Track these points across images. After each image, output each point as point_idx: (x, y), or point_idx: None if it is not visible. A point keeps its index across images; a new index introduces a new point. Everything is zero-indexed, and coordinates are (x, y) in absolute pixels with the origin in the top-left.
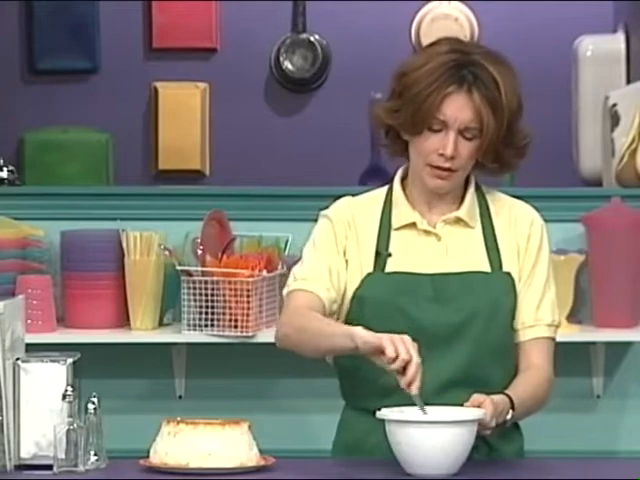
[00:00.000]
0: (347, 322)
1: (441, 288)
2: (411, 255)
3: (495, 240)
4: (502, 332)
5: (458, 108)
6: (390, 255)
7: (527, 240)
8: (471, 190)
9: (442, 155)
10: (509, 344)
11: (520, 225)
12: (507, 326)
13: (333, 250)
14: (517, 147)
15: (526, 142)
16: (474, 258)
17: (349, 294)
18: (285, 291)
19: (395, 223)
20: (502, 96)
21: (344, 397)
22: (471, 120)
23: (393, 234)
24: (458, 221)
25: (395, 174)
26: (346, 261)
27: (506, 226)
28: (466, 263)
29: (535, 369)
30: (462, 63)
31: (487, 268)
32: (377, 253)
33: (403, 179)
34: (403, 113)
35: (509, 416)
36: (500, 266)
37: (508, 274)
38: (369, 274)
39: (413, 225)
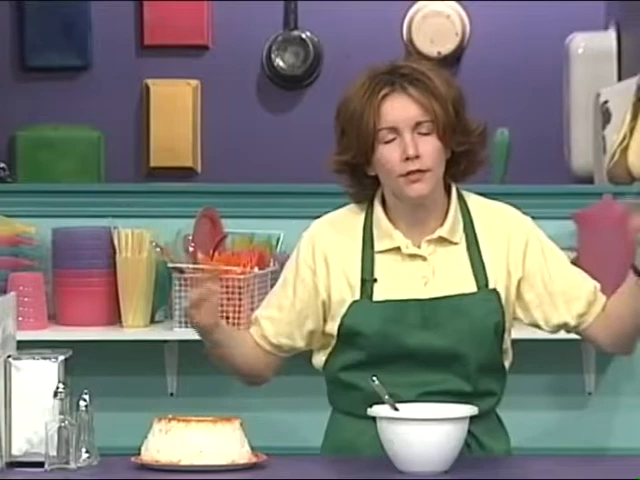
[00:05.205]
0: (335, 349)
1: (429, 314)
2: (398, 280)
3: (480, 254)
4: (491, 351)
5: (400, 107)
6: (376, 280)
7: (524, 256)
8: (454, 201)
9: (407, 159)
10: (500, 361)
11: (513, 242)
12: (497, 344)
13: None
14: (477, 134)
15: (482, 128)
16: (460, 277)
17: (337, 320)
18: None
19: (378, 246)
20: (437, 86)
21: (331, 403)
22: (418, 113)
23: (377, 257)
24: (441, 240)
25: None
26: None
27: (493, 240)
28: (453, 284)
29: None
30: (388, 71)
31: (473, 287)
32: (362, 280)
33: (383, 198)
34: (351, 141)
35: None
36: (486, 283)
37: (494, 291)
38: (355, 301)
39: (397, 249)
